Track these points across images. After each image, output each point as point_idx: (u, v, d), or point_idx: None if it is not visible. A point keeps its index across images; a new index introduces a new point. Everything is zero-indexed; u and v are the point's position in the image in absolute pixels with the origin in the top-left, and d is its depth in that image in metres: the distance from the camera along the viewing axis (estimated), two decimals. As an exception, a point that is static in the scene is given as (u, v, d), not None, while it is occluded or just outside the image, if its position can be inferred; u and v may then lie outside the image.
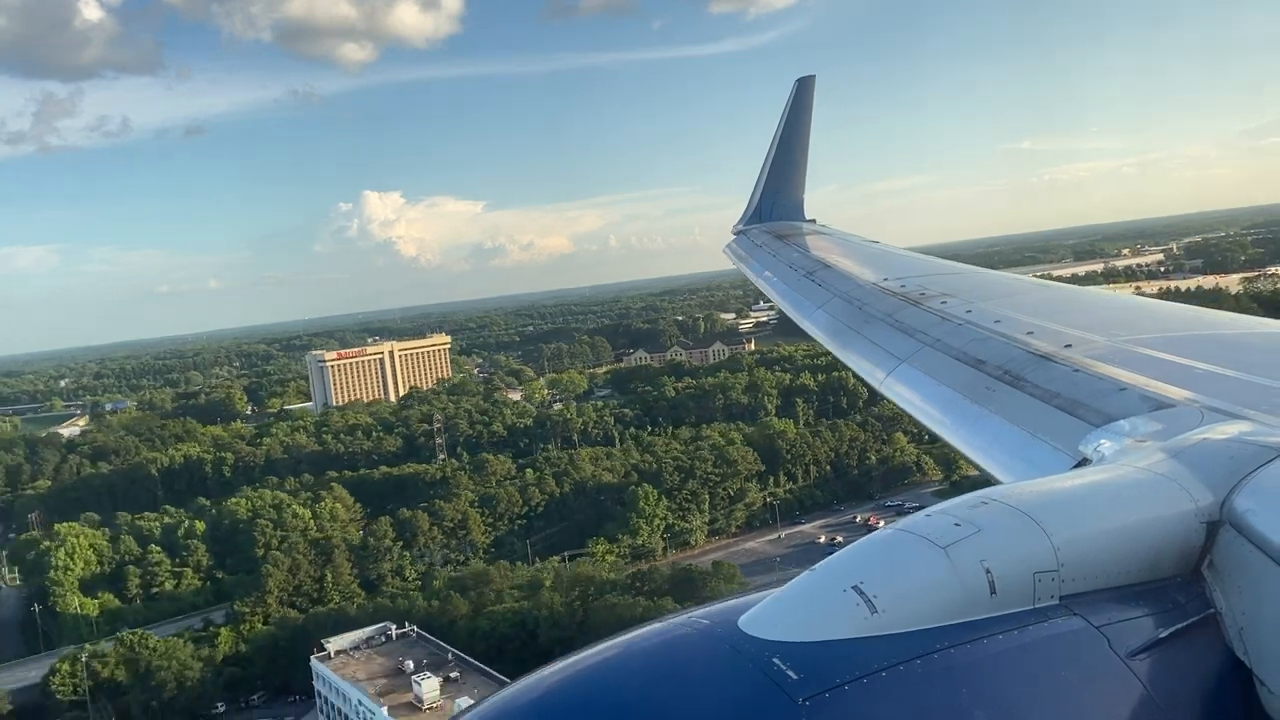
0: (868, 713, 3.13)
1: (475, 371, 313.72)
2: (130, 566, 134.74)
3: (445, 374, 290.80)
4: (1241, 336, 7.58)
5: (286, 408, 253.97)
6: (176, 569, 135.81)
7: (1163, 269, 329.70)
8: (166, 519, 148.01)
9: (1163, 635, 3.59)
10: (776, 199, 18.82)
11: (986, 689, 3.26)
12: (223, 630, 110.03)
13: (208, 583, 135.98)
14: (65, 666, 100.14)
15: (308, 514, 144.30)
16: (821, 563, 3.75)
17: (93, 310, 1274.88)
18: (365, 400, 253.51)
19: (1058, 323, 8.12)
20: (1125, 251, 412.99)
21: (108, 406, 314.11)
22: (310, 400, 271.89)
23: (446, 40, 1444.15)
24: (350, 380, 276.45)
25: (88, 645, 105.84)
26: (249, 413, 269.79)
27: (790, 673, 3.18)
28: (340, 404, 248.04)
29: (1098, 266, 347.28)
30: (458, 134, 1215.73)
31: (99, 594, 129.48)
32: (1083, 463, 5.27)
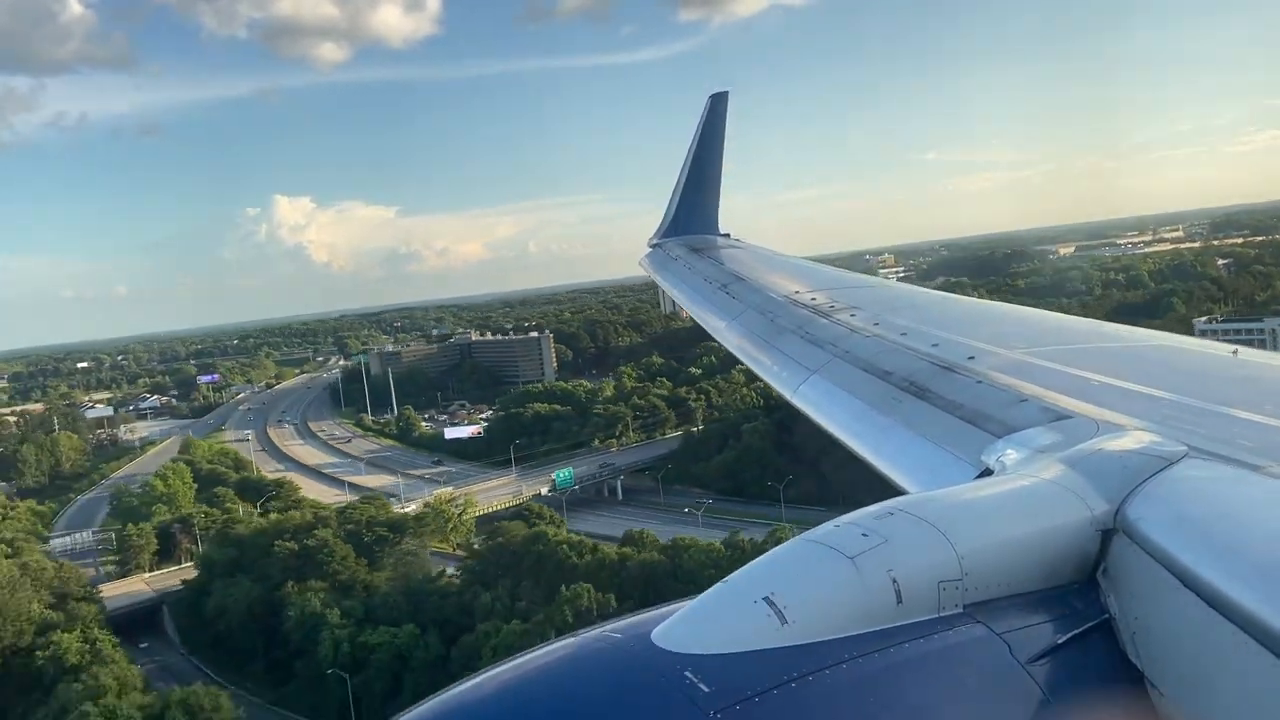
0: None
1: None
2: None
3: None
4: (1135, 349, 7.84)
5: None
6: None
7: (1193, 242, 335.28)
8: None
9: (1060, 641, 3.68)
10: (691, 213, 18.92)
11: (894, 696, 3.31)
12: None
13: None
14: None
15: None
16: (733, 574, 3.74)
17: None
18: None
19: (961, 335, 8.25)
20: (1135, 233, 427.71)
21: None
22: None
23: (424, 41, 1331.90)
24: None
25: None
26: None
27: (702, 685, 3.17)
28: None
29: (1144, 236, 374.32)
30: (389, 137, 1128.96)
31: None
32: (985, 473, 5.35)
